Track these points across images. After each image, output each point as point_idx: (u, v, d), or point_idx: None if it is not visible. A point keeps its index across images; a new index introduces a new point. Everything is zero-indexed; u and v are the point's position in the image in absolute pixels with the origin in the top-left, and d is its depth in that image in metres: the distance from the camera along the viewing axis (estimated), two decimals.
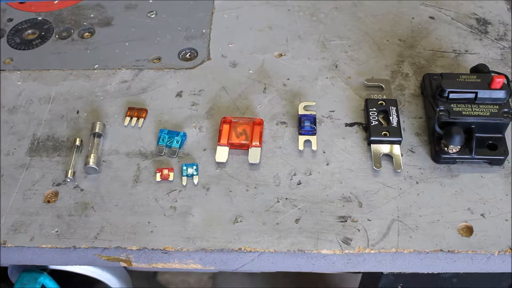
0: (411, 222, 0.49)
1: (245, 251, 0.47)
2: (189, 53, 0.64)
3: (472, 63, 0.58)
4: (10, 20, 0.69)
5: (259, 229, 0.49)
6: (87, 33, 0.67)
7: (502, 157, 0.52)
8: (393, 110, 0.55)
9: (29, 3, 0.70)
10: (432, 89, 0.54)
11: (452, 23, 0.65)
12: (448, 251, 0.47)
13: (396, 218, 0.49)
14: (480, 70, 0.55)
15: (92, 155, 0.52)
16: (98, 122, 0.55)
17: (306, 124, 0.55)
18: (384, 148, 0.53)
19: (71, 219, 0.49)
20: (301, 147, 0.53)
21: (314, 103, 0.57)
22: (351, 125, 0.56)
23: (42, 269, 0.54)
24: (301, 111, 0.56)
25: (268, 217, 0.49)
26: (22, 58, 0.64)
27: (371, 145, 0.53)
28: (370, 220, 0.49)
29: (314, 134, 0.54)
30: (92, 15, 0.68)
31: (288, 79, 0.60)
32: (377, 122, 0.54)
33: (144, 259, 0.49)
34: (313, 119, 0.55)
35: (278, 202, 0.50)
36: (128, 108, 0.58)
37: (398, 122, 0.54)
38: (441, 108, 0.52)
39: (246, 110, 0.57)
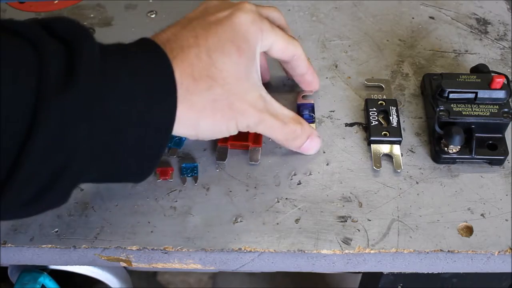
0: (411, 222, 0.49)
1: (245, 251, 0.47)
2: None
3: (472, 63, 0.58)
4: None
5: (259, 229, 0.49)
6: None
7: (502, 157, 0.52)
8: (393, 110, 0.55)
9: (29, 3, 0.70)
10: (432, 89, 0.54)
11: (452, 23, 0.65)
12: (448, 251, 0.47)
13: (396, 218, 0.49)
14: (480, 70, 0.55)
15: None
16: None
17: (305, 113, 0.55)
18: (384, 148, 0.53)
19: (71, 219, 0.49)
20: None
21: (312, 93, 0.57)
22: (351, 125, 0.56)
23: (42, 269, 0.54)
24: (300, 101, 0.56)
25: (268, 217, 0.49)
26: None
27: (371, 145, 0.53)
28: (370, 220, 0.49)
29: (313, 122, 0.55)
30: (92, 15, 0.68)
31: (288, 79, 0.60)
32: (377, 122, 0.54)
33: (144, 259, 0.49)
34: (311, 108, 0.55)
35: (278, 202, 0.50)
36: None
37: (398, 122, 0.54)
38: (441, 108, 0.52)
39: None
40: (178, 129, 0.43)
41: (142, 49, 0.42)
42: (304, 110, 0.55)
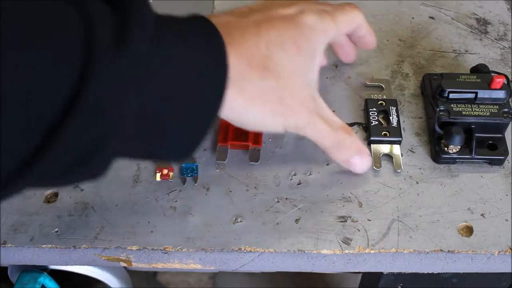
0: (411, 222, 0.49)
1: (245, 251, 0.47)
2: None
3: (472, 63, 0.58)
4: None
5: (259, 229, 0.49)
6: None
7: (502, 157, 0.52)
8: (393, 110, 0.55)
9: None
10: (432, 89, 0.54)
11: (452, 23, 0.65)
12: (448, 251, 0.47)
13: (396, 218, 0.49)
14: (480, 70, 0.55)
15: None
16: None
17: None
18: (384, 148, 0.53)
19: (71, 219, 0.49)
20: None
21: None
22: (351, 125, 0.56)
23: (42, 269, 0.54)
24: None
25: (268, 217, 0.49)
26: None
27: (371, 145, 0.53)
28: (370, 220, 0.49)
29: None
30: None
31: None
32: (377, 122, 0.54)
33: (144, 259, 0.49)
34: None
35: (278, 202, 0.50)
36: None
37: (398, 122, 0.54)
38: (441, 108, 0.52)
39: None
40: (225, 112, 0.42)
41: (196, 25, 0.42)
42: None
